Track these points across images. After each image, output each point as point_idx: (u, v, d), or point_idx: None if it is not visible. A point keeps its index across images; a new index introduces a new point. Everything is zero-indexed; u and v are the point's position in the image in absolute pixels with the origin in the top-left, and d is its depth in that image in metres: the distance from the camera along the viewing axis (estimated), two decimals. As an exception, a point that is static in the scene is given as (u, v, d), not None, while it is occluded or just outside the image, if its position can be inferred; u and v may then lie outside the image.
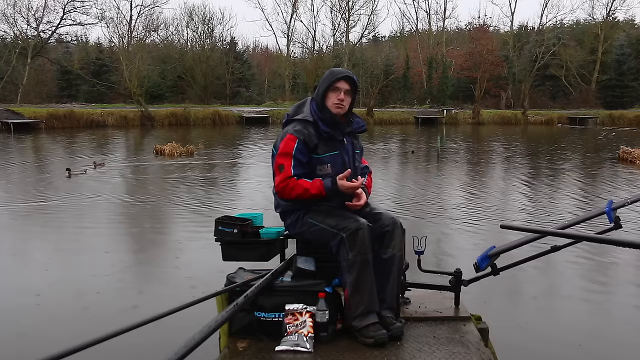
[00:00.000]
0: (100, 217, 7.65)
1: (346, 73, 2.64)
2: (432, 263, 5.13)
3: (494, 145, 20.65)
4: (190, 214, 7.92)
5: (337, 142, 2.67)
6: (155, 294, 4.70)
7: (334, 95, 2.63)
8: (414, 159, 15.85)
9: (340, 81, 2.62)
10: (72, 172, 11.63)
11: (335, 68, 2.76)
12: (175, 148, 15.87)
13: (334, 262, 2.54)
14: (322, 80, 2.67)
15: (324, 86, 2.64)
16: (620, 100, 40.75)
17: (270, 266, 2.69)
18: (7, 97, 35.30)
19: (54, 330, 3.90)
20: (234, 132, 26.68)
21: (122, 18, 41.39)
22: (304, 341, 2.34)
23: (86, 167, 12.51)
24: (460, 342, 2.45)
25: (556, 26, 45.90)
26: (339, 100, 2.62)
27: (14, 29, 39.23)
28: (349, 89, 2.64)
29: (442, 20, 47.69)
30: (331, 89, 2.63)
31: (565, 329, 4.03)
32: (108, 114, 29.36)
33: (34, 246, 6.44)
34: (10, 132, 24.18)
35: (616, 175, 12.36)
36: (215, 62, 41.45)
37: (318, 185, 2.53)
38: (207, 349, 2.17)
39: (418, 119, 33.70)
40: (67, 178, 11.21)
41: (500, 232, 5.29)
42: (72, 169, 11.89)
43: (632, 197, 2.62)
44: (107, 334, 1.81)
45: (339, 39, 45.94)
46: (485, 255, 2.74)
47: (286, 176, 2.54)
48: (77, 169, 12.10)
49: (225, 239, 2.80)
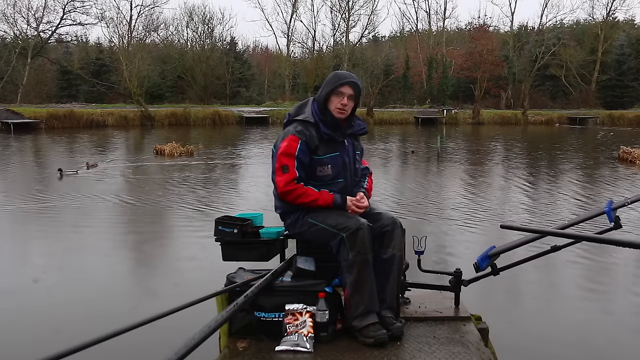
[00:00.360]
0: (98, 217, 7.65)
1: (351, 78, 2.62)
2: (432, 263, 5.12)
3: (494, 145, 20.65)
4: (190, 214, 7.92)
5: (337, 144, 2.66)
6: (155, 295, 4.70)
7: (337, 99, 2.61)
8: (414, 159, 15.85)
9: (345, 86, 2.60)
10: (64, 173, 11.46)
11: (340, 71, 2.73)
12: (175, 148, 15.87)
13: (334, 262, 2.54)
14: (326, 82, 2.65)
15: (328, 89, 2.61)
16: (620, 100, 40.73)
17: (270, 266, 2.69)
18: (7, 97, 35.28)
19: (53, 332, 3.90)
20: (234, 132, 26.68)
21: (122, 18, 41.36)
22: (304, 341, 2.34)
23: (78, 168, 12.29)
24: (460, 342, 2.45)
25: (556, 26, 45.87)
26: (342, 105, 2.61)
27: (14, 29, 39.34)
28: (352, 94, 2.63)
29: (442, 20, 47.71)
30: (335, 93, 2.61)
31: (565, 329, 4.04)
32: (108, 114, 29.36)
33: (31, 249, 6.44)
34: (10, 132, 24.18)
35: (616, 175, 12.36)
36: (215, 62, 41.41)
37: (326, 198, 2.55)
38: (207, 349, 2.16)
39: (418, 119, 33.69)
40: (58, 179, 11.04)
41: (500, 232, 5.29)
42: (65, 169, 11.73)
43: (632, 197, 2.62)
44: (107, 334, 1.81)
45: (339, 39, 46.02)
46: (485, 255, 2.74)
47: (291, 178, 2.54)
48: (70, 169, 11.95)
49: (225, 239, 2.80)
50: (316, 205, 2.57)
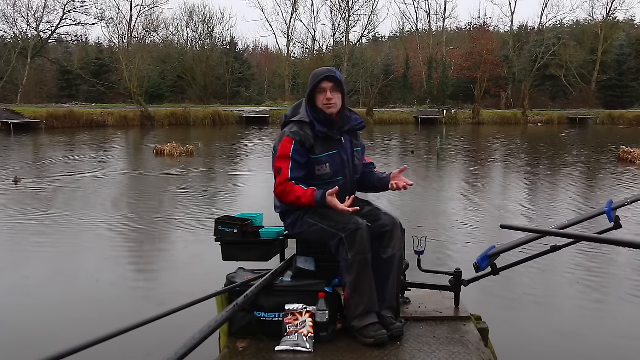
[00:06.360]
0: (95, 217, 7.66)
1: (327, 73, 2.64)
2: (432, 263, 5.12)
3: (494, 145, 20.65)
4: (189, 213, 7.91)
5: (334, 142, 2.67)
6: (155, 295, 4.70)
7: (321, 96, 2.64)
8: (414, 159, 15.84)
9: (323, 82, 2.63)
10: (18, 179, 10.42)
11: (317, 69, 2.74)
12: (175, 148, 15.87)
13: (334, 262, 2.54)
14: (308, 84, 2.69)
15: (310, 90, 2.66)
16: (620, 100, 40.73)
17: (270, 266, 2.69)
18: (7, 97, 35.27)
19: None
20: (234, 132, 26.67)
21: (122, 18, 41.42)
22: (304, 341, 2.34)
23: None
24: (460, 342, 2.45)
25: (556, 26, 45.92)
26: (327, 100, 2.64)
27: (14, 29, 39.32)
28: (333, 86, 2.64)
29: (442, 20, 47.83)
30: (317, 91, 2.65)
31: (565, 329, 4.04)
32: (108, 114, 29.32)
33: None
34: (10, 132, 24.17)
35: (616, 175, 12.35)
36: (215, 62, 41.42)
37: (309, 195, 2.53)
38: (207, 349, 2.16)
39: (418, 119, 33.67)
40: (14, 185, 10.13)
41: (500, 232, 5.29)
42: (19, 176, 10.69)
43: (632, 197, 2.62)
44: (107, 334, 1.81)
45: (339, 39, 46.02)
46: (485, 255, 2.75)
47: (284, 179, 2.57)
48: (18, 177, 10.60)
49: (225, 239, 2.80)
50: (301, 204, 2.55)
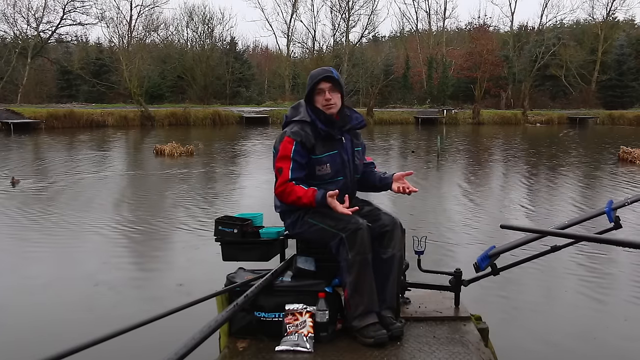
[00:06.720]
0: (93, 218, 7.66)
1: (324, 73, 2.63)
2: (432, 263, 5.12)
3: (494, 145, 20.65)
4: (189, 213, 7.91)
5: (335, 142, 2.67)
6: (154, 295, 4.70)
7: (320, 97, 2.64)
8: (414, 158, 15.84)
9: (321, 83, 2.62)
10: (15, 180, 10.27)
11: (314, 70, 2.73)
12: (175, 148, 15.87)
13: (334, 262, 2.54)
14: (306, 85, 2.68)
15: (308, 91, 2.66)
16: (620, 100, 40.72)
17: (270, 266, 2.69)
18: (7, 97, 35.26)
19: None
20: (234, 132, 26.67)
21: (122, 18, 41.41)
22: (304, 341, 2.34)
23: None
24: (460, 342, 2.45)
25: (556, 26, 45.91)
26: (326, 101, 2.63)
27: (14, 29, 39.32)
28: (331, 86, 2.64)
29: (442, 20, 47.82)
30: (316, 93, 2.65)
31: (565, 329, 4.04)
32: (108, 114, 29.32)
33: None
34: (10, 132, 24.17)
35: (616, 175, 12.35)
36: (215, 62, 41.41)
37: (310, 195, 2.52)
38: (207, 349, 2.16)
39: (418, 119, 33.66)
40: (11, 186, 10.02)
41: (500, 232, 5.29)
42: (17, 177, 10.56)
43: (632, 197, 2.62)
44: (107, 334, 1.81)
45: (339, 39, 46.01)
46: (485, 255, 2.75)
47: (285, 179, 2.56)
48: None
49: (225, 239, 2.80)
50: (302, 204, 2.55)
